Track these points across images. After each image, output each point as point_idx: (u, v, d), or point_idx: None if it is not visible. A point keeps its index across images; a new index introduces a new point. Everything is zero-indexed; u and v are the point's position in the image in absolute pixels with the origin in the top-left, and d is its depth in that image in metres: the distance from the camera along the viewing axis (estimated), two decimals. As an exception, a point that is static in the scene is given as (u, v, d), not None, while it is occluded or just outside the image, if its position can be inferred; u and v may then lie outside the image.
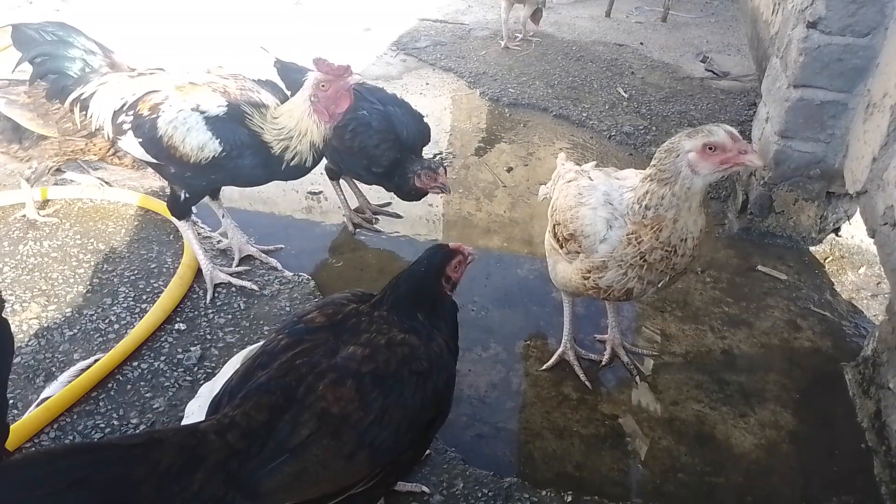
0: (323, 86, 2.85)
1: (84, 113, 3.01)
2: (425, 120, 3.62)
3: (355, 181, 3.96)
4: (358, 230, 3.90)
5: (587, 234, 2.49)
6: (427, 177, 3.43)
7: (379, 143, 3.39)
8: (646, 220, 2.36)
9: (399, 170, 3.46)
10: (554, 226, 2.74)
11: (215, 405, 1.90)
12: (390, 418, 1.83)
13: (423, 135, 3.59)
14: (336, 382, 1.81)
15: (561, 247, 2.68)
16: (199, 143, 2.83)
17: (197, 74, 3.00)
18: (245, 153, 2.88)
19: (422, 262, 2.14)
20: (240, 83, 3.00)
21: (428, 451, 2.52)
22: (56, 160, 3.60)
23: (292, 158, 2.90)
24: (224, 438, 1.71)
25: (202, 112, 2.84)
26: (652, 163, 2.37)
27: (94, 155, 3.61)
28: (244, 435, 1.73)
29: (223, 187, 3.41)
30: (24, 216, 3.71)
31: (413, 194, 3.54)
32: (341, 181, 3.91)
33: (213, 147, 2.84)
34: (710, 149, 2.18)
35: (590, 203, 2.52)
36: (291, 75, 3.50)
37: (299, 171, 3.00)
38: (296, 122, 2.88)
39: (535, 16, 6.55)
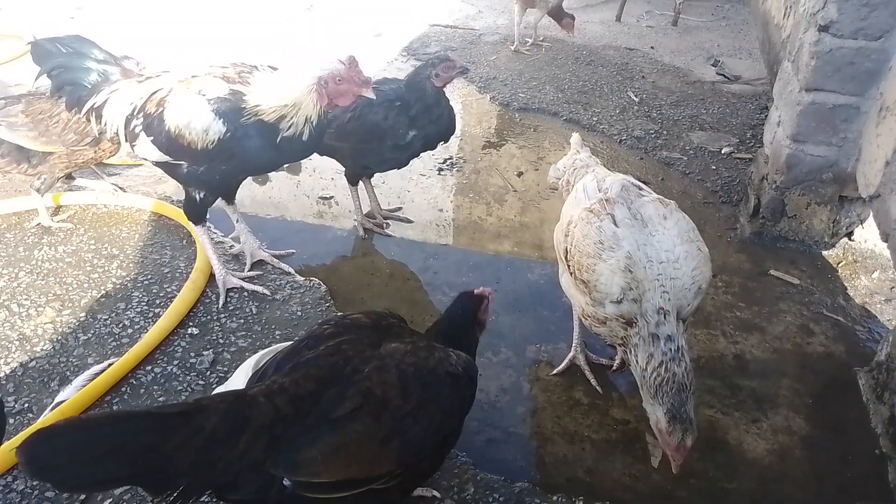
0: (339, 80, 2.87)
1: (100, 122, 3.06)
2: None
3: (372, 185, 3.98)
4: (368, 235, 3.92)
5: (600, 290, 2.44)
6: (444, 70, 3.39)
7: (387, 115, 3.41)
8: None
9: (425, 137, 3.46)
10: (566, 250, 2.67)
11: (259, 376, 1.99)
12: (424, 413, 1.89)
13: (424, 89, 3.47)
14: (381, 368, 1.91)
15: (571, 275, 2.65)
16: (203, 125, 2.83)
17: (199, 69, 3.03)
18: (250, 132, 2.86)
19: (457, 309, 2.39)
20: (238, 68, 3.00)
21: None
22: (67, 171, 3.64)
23: (288, 128, 2.87)
24: (272, 402, 1.78)
25: (204, 95, 2.86)
26: (657, 368, 2.31)
27: (107, 158, 3.66)
28: (292, 400, 1.80)
29: (237, 191, 3.43)
30: (39, 224, 3.75)
31: (447, 119, 3.52)
32: (359, 186, 3.92)
33: (217, 128, 2.83)
34: (661, 431, 2.28)
35: (610, 262, 2.42)
36: None
37: (299, 146, 2.95)
38: (294, 95, 2.85)
39: (564, 21, 6.52)
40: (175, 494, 1.64)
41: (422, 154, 3.67)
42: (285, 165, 4.21)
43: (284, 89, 2.86)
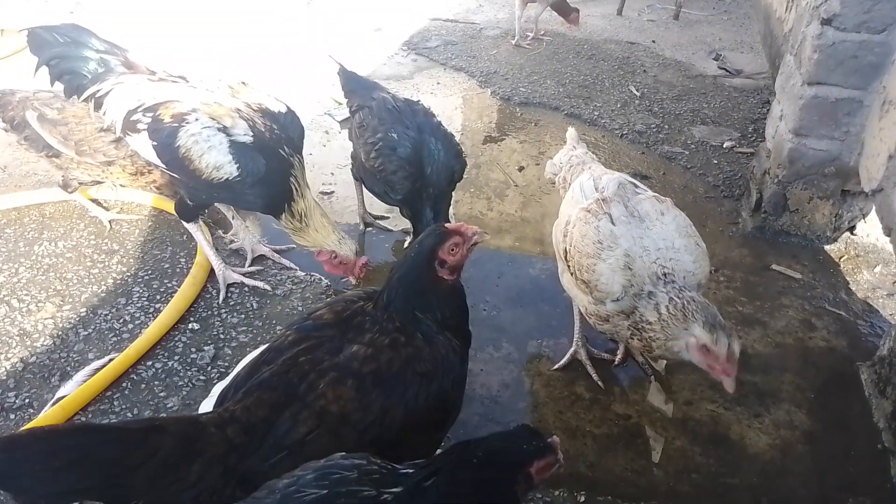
0: (342, 262, 3.14)
1: (99, 109, 3.04)
2: (463, 157, 3.40)
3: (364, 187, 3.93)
4: (368, 229, 3.91)
5: (601, 289, 2.45)
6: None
7: (396, 171, 3.25)
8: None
9: (418, 205, 3.30)
10: (565, 250, 2.67)
11: (221, 398, 1.93)
12: (392, 419, 1.82)
13: (453, 173, 3.33)
14: (337, 381, 1.81)
15: (572, 275, 2.65)
16: (216, 162, 2.84)
17: (222, 95, 3.00)
18: (257, 184, 2.92)
19: (413, 247, 2.05)
20: (265, 120, 2.98)
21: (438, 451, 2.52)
22: (80, 176, 3.63)
23: (291, 217, 3.08)
24: (223, 432, 1.74)
25: (229, 135, 2.85)
26: (668, 306, 2.31)
27: (116, 178, 3.63)
28: (244, 430, 1.75)
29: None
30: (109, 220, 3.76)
31: None
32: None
33: (229, 170, 2.85)
34: (706, 349, 2.23)
35: (609, 261, 2.42)
36: (351, 84, 3.69)
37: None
38: (314, 234, 3.11)
39: (571, 16, 6.48)
40: None
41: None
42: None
43: (315, 223, 3.10)
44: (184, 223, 3.29)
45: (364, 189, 3.79)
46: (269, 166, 2.92)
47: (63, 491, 1.57)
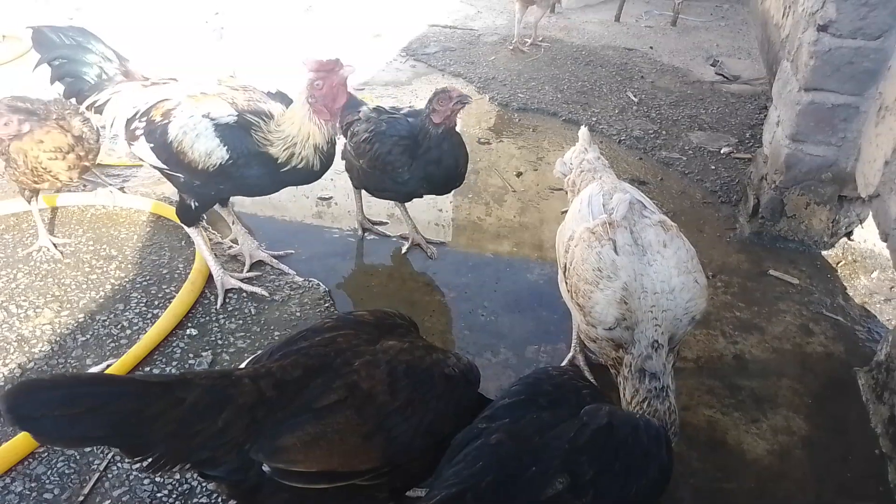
0: (317, 84, 2.79)
1: (101, 116, 3.08)
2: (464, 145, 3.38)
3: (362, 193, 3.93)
4: (367, 234, 3.91)
5: (594, 316, 2.42)
6: (441, 104, 3.14)
7: (391, 149, 3.26)
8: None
9: (418, 178, 3.30)
10: (565, 266, 2.64)
11: (253, 362, 2.02)
12: (413, 412, 1.89)
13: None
14: (371, 363, 1.92)
15: (569, 292, 2.63)
16: (206, 149, 2.84)
17: (208, 85, 3.01)
18: (252, 162, 2.89)
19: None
20: (248, 94, 2.99)
21: None
22: (22, 181, 3.45)
23: (299, 163, 2.89)
24: (257, 384, 1.81)
25: (212, 119, 2.85)
26: (637, 391, 2.33)
27: (32, 172, 3.39)
28: (276, 385, 1.82)
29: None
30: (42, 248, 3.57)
31: (450, 164, 3.25)
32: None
33: (220, 154, 2.85)
34: None
35: (606, 292, 2.39)
36: None
37: (308, 175, 2.97)
38: (298, 128, 2.84)
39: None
40: (150, 460, 1.68)
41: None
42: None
43: (288, 122, 2.86)
44: (185, 227, 3.29)
45: (363, 195, 3.80)
46: (257, 141, 2.87)
47: (80, 436, 1.64)
